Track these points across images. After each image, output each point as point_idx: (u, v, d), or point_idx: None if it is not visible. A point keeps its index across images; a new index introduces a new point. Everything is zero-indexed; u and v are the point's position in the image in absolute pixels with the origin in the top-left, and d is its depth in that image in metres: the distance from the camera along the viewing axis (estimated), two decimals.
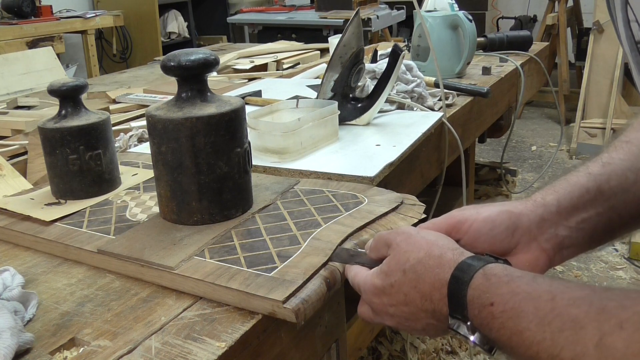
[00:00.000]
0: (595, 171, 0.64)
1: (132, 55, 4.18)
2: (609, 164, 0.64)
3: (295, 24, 3.94)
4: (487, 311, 0.50)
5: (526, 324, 0.47)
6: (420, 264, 0.56)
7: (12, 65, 2.10)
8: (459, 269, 0.53)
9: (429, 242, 0.58)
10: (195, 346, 0.56)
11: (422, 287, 0.55)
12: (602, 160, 0.65)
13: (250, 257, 0.68)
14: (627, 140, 0.67)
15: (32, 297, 0.64)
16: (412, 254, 0.57)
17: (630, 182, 0.63)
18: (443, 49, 1.59)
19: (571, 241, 0.63)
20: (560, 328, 0.45)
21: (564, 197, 0.63)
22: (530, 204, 0.64)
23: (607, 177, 0.63)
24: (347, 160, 1.01)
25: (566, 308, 0.45)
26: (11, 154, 1.19)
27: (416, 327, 0.58)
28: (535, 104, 4.53)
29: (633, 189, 0.63)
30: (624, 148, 0.66)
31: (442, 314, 0.54)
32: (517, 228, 0.63)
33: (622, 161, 0.64)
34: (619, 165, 0.64)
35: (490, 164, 2.45)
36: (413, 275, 0.56)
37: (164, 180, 0.77)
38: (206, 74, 0.76)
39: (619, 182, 0.63)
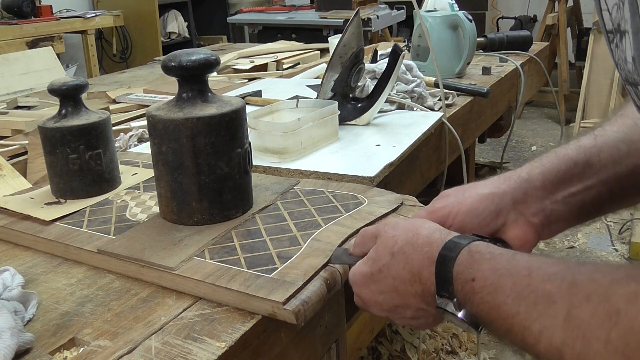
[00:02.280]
0: (586, 144, 0.63)
1: (132, 55, 4.18)
2: (601, 136, 0.63)
3: (295, 24, 3.94)
4: (469, 286, 0.51)
5: (503, 299, 0.48)
6: (409, 244, 0.56)
7: (12, 65, 2.10)
8: (446, 247, 0.54)
9: (415, 224, 0.58)
10: (195, 346, 0.56)
11: (411, 266, 0.56)
12: (594, 132, 0.64)
13: (250, 258, 0.68)
14: (622, 113, 0.66)
15: (32, 297, 0.64)
16: (400, 237, 0.57)
17: (623, 153, 0.62)
18: (443, 49, 1.59)
19: (559, 215, 0.63)
20: (534, 302, 0.46)
21: (550, 171, 0.63)
22: (515, 180, 0.64)
23: (597, 150, 0.62)
24: (347, 160, 1.01)
25: (541, 283, 0.47)
26: (11, 154, 1.19)
27: (406, 315, 0.59)
28: (535, 104, 4.53)
29: (625, 161, 0.62)
30: (618, 121, 0.65)
31: (431, 293, 0.54)
32: (502, 209, 0.63)
33: (615, 133, 0.63)
34: (612, 137, 0.63)
35: (490, 164, 2.45)
36: (402, 256, 0.56)
37: (164, 180, 0.77)
38: (207, 74, 0.76)
39: (611, 154, 0.62)
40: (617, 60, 0.48)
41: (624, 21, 0.44)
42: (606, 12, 0.47)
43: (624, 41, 0.45)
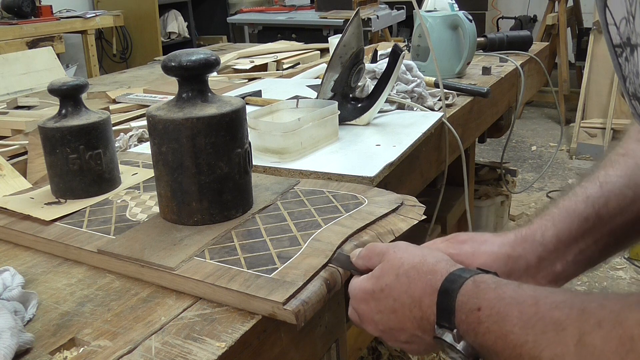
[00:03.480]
0: (593, 194, 0.63)
1: (132, 55, 4.18)
2: (606, 183, 0.64)
3: (295, 24, 3.94)
4: (474, 316, 0.51)
5: (510, 327, 0.48)
6: (414, 269, 0.57)
7: (12, 65, 2.10)
8: (450, 277, 0.54)
9: (424, 251, 0.59)
10: (195, 346, 0.56)
11: (413, 291, 0.56)
12: (599, 179, 0.64)
13: (250, 258, 0.68)
14: (623, 152, 0.66)
15: (32, 297, 0.64)
16: (407, 260, 0.58)
17: (629, 200, 0.63)
18: (443, 49, 1.59)
19: (566, 274, 0.64)
20: (542, 330, 0.46)
21: (563, 231, 0.63)
22: (530, 243, 0.64)
23: (605, 200, 0.63)
24: (347, 160, 1.01)
25: (549, 311, 0.46)
26: (11, 154, 1.19)
27: (400, 338, 0.59)
28: (535, 104, 4.54)
29: (631, 208, 0.63)
30: (621, 162, 0.65)
31: (430, 322, 0.54)
32: (514, 272, 0.63)
33: (619, 178, 0.64)
34: (617, 183, 0.63)
35: (490, 164, 2.45)
36: (405, 279, 0.57)
37: (164, 180, 0.77)
38: (207, 74, 0.76)
39: (618, 202, 0.63)
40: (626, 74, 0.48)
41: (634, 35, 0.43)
42: (613, 27, 0.47)
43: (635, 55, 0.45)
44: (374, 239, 0.74)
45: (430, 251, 0.59)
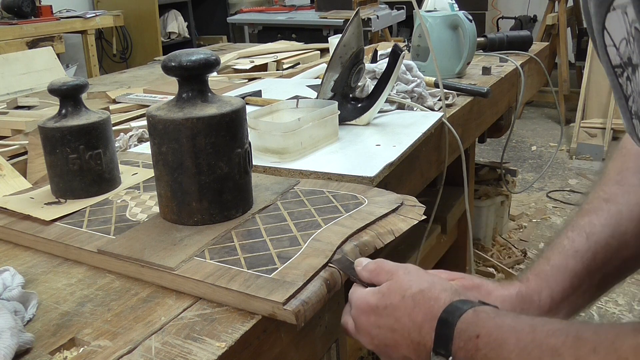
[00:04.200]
0: (581, 248, 0.66)
1: (132, 55, 4.18)
2: (592, 234, 0.66)
3: (295, 24, 3.94)
4: (473, 343, 0.52)
5: (507, 354, 0.49)
6: (421, 294, 0.58)
7: (12, 65, 2.10)
8: (451, 307, 0.56)
9: (434, 278, 0.61)
10: (195, 346, 0.56)
11: (415, 316, 0.57)
12: (585, 230, 0.66)
13: (250, 258, 0.68)
14: (606, 197, 0.68)
15: (32, 297, 0.64)
16: (416, 283, 0.59)
17: (614, 250, 0.65)
18: (443, 49, 1.59)
19: None
20: (539, 356, 0.47)
21: (557, 292, 0.66)
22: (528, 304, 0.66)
23: (592, 254, 0.65)
24: (347, 160, 1.01)
25: (545, 339, 0.48)
26: (11, 154, 1.19)
27: (392, 357, 0.60)
28: (535, 104, 4.54)
29: (616, 257, 0.66)
30: (604, 209, 0.67)
31: (426, 348, 0.56)
32: None
33: (604, 227, 0.66)
34: (602, 234, 0.66)
35: (490, 164, 2.45)
36: (411, 302, 0.58)
37: (164, 180, 0.77)
38: (207, 74, 0.76)
39: (604, 254, 0.65)
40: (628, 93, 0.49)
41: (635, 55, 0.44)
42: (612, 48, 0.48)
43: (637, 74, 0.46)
44: (374, 239, 0.74)
45: (439, 280, 0.61)
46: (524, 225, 2.71)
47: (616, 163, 0.72)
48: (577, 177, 3.30)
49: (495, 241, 2.46)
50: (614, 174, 0.71)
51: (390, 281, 0.61)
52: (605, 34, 0.49)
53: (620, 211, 0.67)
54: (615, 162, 0.72)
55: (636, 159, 0.71)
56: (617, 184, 0.69)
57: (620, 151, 0.74)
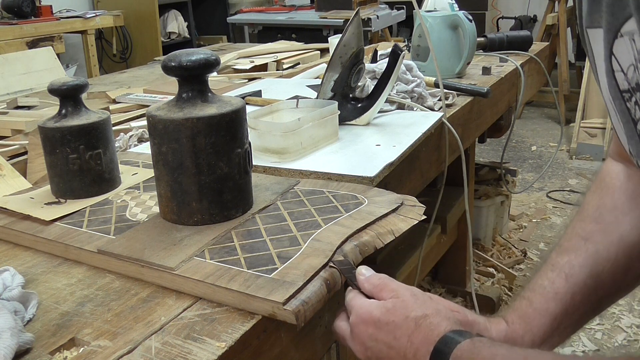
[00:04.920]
0: (561, 290, 0.68)
1: (132, 55, 4.18)
2: (571, 275, 0.69)
3: (295, 24, 3.94)
4: None
5: None
6: (424, 319, 0.60)
7: (12, 65, 2.10)
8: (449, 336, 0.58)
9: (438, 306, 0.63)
10: (195, 346, 0.57)
11: (414, 338, 0.59)
12: (565, 271, 0.69)
13: (250, 258, 0.68)
14: (584, 236, 0.71)
15: (32, 297, 0.64)
16: (421, 307, 0.61)
17: (591, 290, 0.68)
18: (443, 49, 1.59)
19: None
20: None
21: (538, 335, 0.68)
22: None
23: (571, 295, 0.68)
24: (347, 160, 1.01)
25: None
26: (11, 154, 1.19)
27: None
28: (535, 104, 4.53)
29: (593, 297, 0.69)
30: (582, 249, 0.70)
31: None
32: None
33: (582, 268, 0.69)
34: (580, 275, 0.68)
35: (490, 164, 2.45)
36: (413, 324, 0.60)
37: (164, 180, 0.77)
38: (207, 74, 0.76)
39: (582, 295, 0.68)
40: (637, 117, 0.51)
41: None
42: (620, 73, 0.50)
43: None
44: (374, 239, 0.74)
45: (443, 308, 0.63)
46: (524, 225, 2.71)
47: (594, 198, 0.74)
48: (577, 177, 3.30)
49: (495, 241, 2.46)
50: (591, 210, 0.73)
51: (396, 299, 0.62)
52: (613, 60, 0.50)
53: (598, 251, 0.69)
54: (594, 198, 0.74)
55: (613, 194, 0.73)
56: (595, 221, 0.72)
57: (598, 184, 0.76)
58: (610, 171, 0.75)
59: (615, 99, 0.53)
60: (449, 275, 2.12)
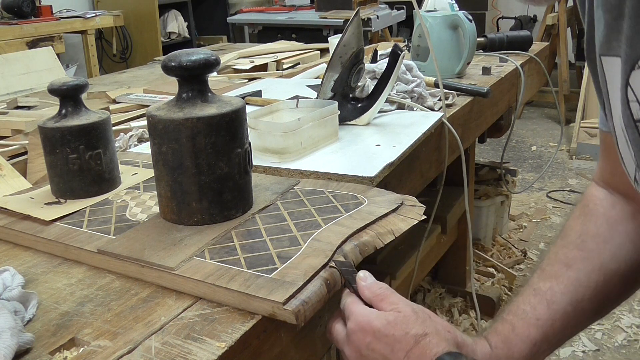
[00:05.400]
0: (542, 316, 0.70)
1: (132, 55, 4.18)
2: (552, 302, 0.71)
3: (295, 24, 3.94)
4: None
5: None
6: (424, 338, 0.61)
7: (12, 65, 2.10)
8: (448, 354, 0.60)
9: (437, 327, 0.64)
10: (195, 346, 0.57)
11: (411, 354, 0.61)
12: (546, 297, 0.71)
13: (250, 258, 0.68)
14: (566, 262, 0.73)
15: (32, 297, 0.64)
16: (422, 325, 0.62)
17: (570, 317, 0.71)
18: (443, 49, 1.59)
19: None
20: None
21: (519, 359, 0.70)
22: None
23: (551, 321, 0.70)
24: (347, 160, 1.01)
25: None
26: (11, 154, 1.19)
27: None
28: (535, 104, 4.53)
29: (571, 323, 0.71)
30: (564, 276, 0.72)
31: None
32: None
33: (563, 296, 0.71)
34: (561, 302, 0.71)
35: (490, 164, 2.45)
36: (412, 341, 0.61)
37: (164, 180, 0.77)
38: (207, 74, 0.76)
39: (561, 322, 0.70)
40: None
41: None
42: (635, 103, 0.51)
43: None
44: (374, 238, 0.74)
45: (443, 329, 0.64)
46: (524, 225, 2.71)
47: (577, 224, 0.76)
48: (577, 177, 3.30)
49: (495, 241, 2.46)
50: (574, 236, 0.75)
51: (397, 313, 0.63)
52: (628, 90, 0.51)
53: (579, 278, 0.71)
54: (577, 223, 0.76)
55: (596, 221, 0.75)
56: (577, 248, 0.74)
57: (582, 210, 0.77)
58: (594, 197, 0.77)
59: (628, 127, 0.54)
60: (449, 275, 2.13)
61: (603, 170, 0.77)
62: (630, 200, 0.74)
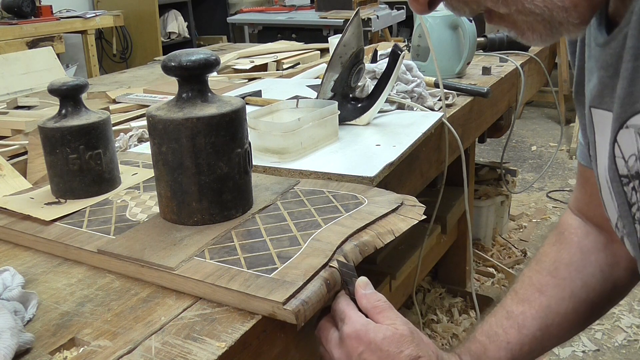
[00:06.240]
0: (513, 340, 0.74)
1: (132, 55, 4.18)
2: (523, 326, 0.74)
3: (295, 24, 3.94)
4: None
5: None
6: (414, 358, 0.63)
7: (12, 65, 2.10)
8: None
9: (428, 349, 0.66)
10: (195, 346, 0.57)
11: None
12: (518, 321, 0.75)
13: (250, 258, 0.68)
14: (539, 288, 0.77)
15: (32, 297, 0.64)
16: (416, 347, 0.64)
17: (538, 341, 0.74)
18: (443, 49, 1.58)
19: None
20: None
21: None
22: None
23: (520, 345, 0.74)
24: (347, 160, 1.01)
25: None
26: (11, 154, 1.19)
27: None
28: (535, 104, 4.53)
29: (539, 347, 0.75)
30: (536, 301, 0.76)
31: None
32: None
33: (533, 320, 0.75)
34: (531, 327, 0.74)
35: (490, 164, 2.45)
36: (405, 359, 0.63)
37: (164, 180, 0.77)
38: (207, 74, 0.76)
39: (530, 346, 0.74)
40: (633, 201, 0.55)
41: None
42: (621, 159, 0.54)
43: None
44: (374, 238, 0.74)
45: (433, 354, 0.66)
46: (524, 225, 2.71)
47: (552, 250, 0.80)
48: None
49: (495, 241, 2.46)
50: (548, 262, 0.79)
51: (396, 330, 0.63)
52: (616, 146, 0.54)
53: (550, 305, 0.75)
54: (552, 250, 0.80)
55: (570, 249, 0.78)
56: (550, 274, 0.77)
57: (558, 237, 0.81)
58: (570, 225, 0.81)
59: (614, 181, 0.57)
60: (449, 275, 2.13)
61: (578, 200, 0.81)
62: (603, 231, 0.78)
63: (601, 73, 0.56)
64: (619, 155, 0.54)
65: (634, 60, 0.49)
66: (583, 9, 0.50)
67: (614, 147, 0.54)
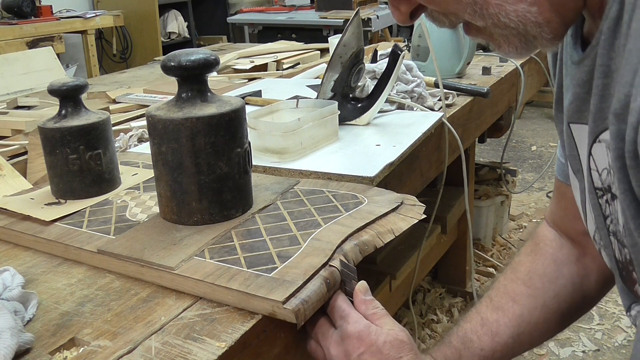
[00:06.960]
0: (486, 347, 0.77)
1: (132, 55, 4.18)
2: (497, 334, 0.77)
3: (295, 24, 3.95)
4: None
5: None
6: None
7: (12, 65, 2.10)
8: None
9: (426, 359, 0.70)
10: (195, 346, 0.57)
11: None
12: (492, 329, 0.77)
13: (250, 258, 0.68)
14: (513, 297, 0.80)
15: (32, 297, 0.65)
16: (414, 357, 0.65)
17: (510, 348, 0.78)
18: (443, 49, 1.58)
19: None
20: None
21: None
22: None
23: (492, 352, 0.77)
24: (347, 160, 1.01)
25: None
26: (11, 154, 1.19)
27: None
28: (535, 104, 4.53)
29: (510, 352, 0.78)
30: (510, 310, 0.79)
31: None
32: None
33: (506, 328, 0.78)
34: (504, 335, 0.77)
35: (490, 164, 2.45)
36: None
37: (164, 180, 0.77)
38: (206, 74, 0.76)
39: (501, 352, 0.77)
40: (607, 214, 0.57)
41: (615, 186, 0.52)
42: (595, 172, 0.57)
43: (615, 202, 0.53)
44: (374, 238, 0.74)
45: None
46: (524, 225, 2.71)
47: (527, 260, 0.83)
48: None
49: (495, 241, 2.46)
50: (523, 272, 0.82)
51: (397, 335, 0.64)
52: (591, 160, 0.56)
53: (522, 314, 0.78)
54: (527, 260, 0.83)
55: (544, 261, 0.81)
56: (524, 284, 0.80)
57: (533, 247, 0.84)
58: (545, 237, 0.83)
59: (590, 193, 0.59)
60: (449, 275, 2.12)
61: (554, 213, 0.84)
62: (576, 244, 0.81)
63: (577, 90, 0.58)
64: (594, 168, 0.56)
65: (603, 77, 0.52)
66: (556, 24, 0.53)
67: (589, 161, 0.57)
